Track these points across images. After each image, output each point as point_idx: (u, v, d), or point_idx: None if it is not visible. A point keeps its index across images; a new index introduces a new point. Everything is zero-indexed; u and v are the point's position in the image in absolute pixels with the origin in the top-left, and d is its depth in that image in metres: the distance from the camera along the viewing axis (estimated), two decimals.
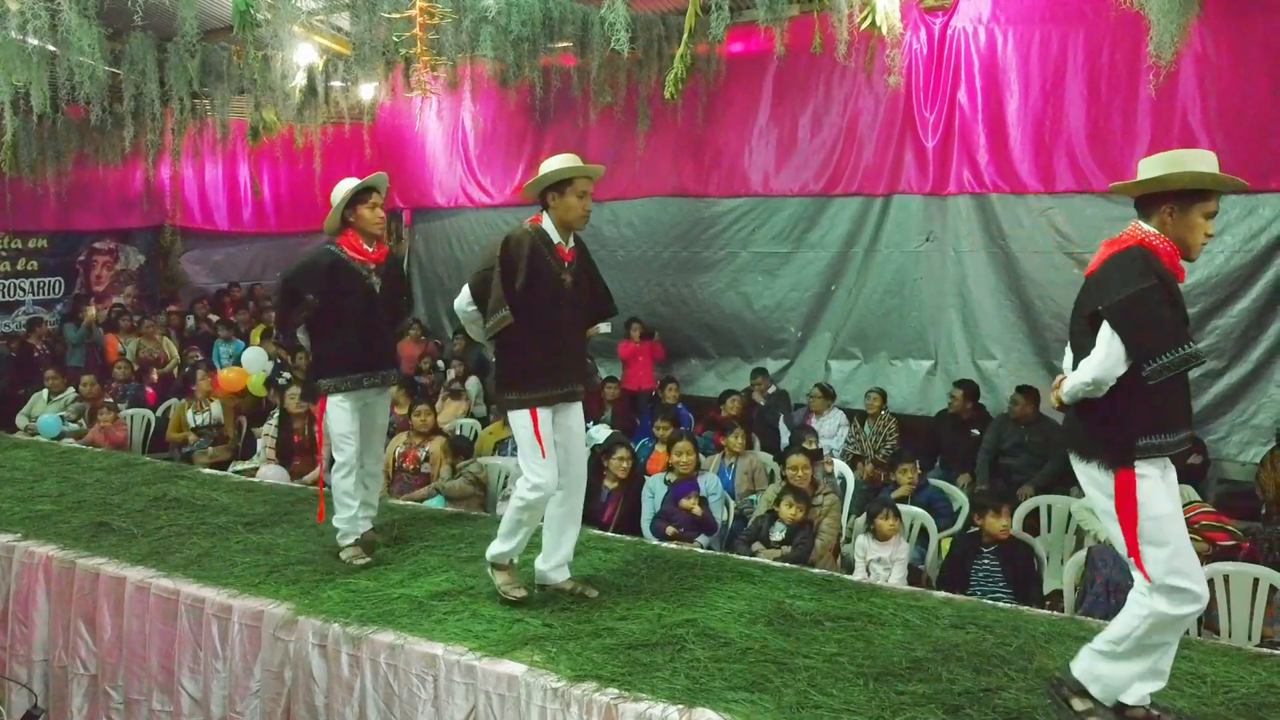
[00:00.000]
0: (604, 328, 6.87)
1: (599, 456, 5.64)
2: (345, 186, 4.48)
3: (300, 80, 7.99)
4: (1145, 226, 2.86)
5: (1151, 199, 2.85)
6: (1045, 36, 6.92)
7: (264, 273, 12.84)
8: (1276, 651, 3.81)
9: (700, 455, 6.00)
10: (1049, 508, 5.58)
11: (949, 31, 7.26)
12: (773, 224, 8.36)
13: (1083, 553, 4.58)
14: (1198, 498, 5.08)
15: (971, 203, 7.46)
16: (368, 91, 8.67)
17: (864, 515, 5.05)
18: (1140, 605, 2.78)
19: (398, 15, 5.85)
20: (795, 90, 7.98)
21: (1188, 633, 4.14)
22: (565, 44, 7.54)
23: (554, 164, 3.83)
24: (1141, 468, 2.76)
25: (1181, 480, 5.10)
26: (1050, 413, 6.94)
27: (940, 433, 7.13)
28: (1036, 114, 7.01)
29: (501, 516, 4.35)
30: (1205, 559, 4.61)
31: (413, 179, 10.31)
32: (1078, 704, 2.88)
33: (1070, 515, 5.51)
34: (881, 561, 4.73)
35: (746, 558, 4.73)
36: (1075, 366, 2.92)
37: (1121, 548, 2.84)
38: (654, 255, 9.04)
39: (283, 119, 9.02)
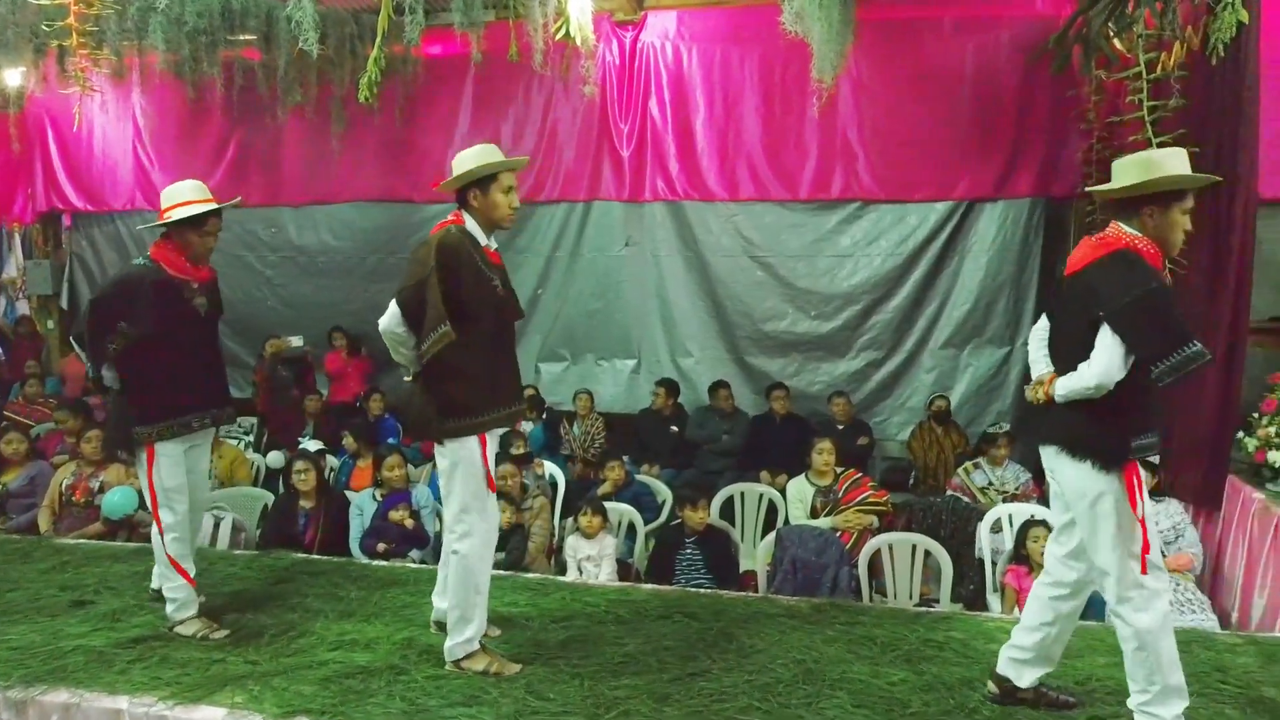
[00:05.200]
0: (294, 340, 6.43)
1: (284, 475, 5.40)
2: (179, 196, 3.74)
3: None
4: (1127, 229, 2.86)
5: (1131, 201, 2.86)
6: (726, 56, 7.42)
7: None
8: (932, 609, 4.36)
9: (411, 467, 5.89)
10: (742, 495, 6.01)
11: (639, 46, 7.58)
12: None
13: (772, 535, 4.98)
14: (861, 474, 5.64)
15: (666, 209, 7.85)
16: (13, 79, 7.67)
17: (573, 515, 5.19)
18: (1128, 639, 2.83)
19: (47, 2, 5.21)
20: (496, 97, 7.99)
21: (860, 599, 4.66)
22: (249, 38, 7.08)
23: (474, 157, 3.37)
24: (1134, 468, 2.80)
25: (850, 463, 5.75)
26: (744, 406, 7.54)
27: (642, 429, 7.47)
28: (720, 128, 7.50)
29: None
30: (874, 531, 5.19)
31: (76, 178, 9.22)
32: None
33: (760, 499, 5.97)
34: (591, 559, 4.88)
35: None
36: (1056, 365, 2.98)
37: (1096, 546, 2.86)
38: (358, 262, 8.72)
39: None
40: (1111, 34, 5.72)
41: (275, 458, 6.88)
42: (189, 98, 7.73)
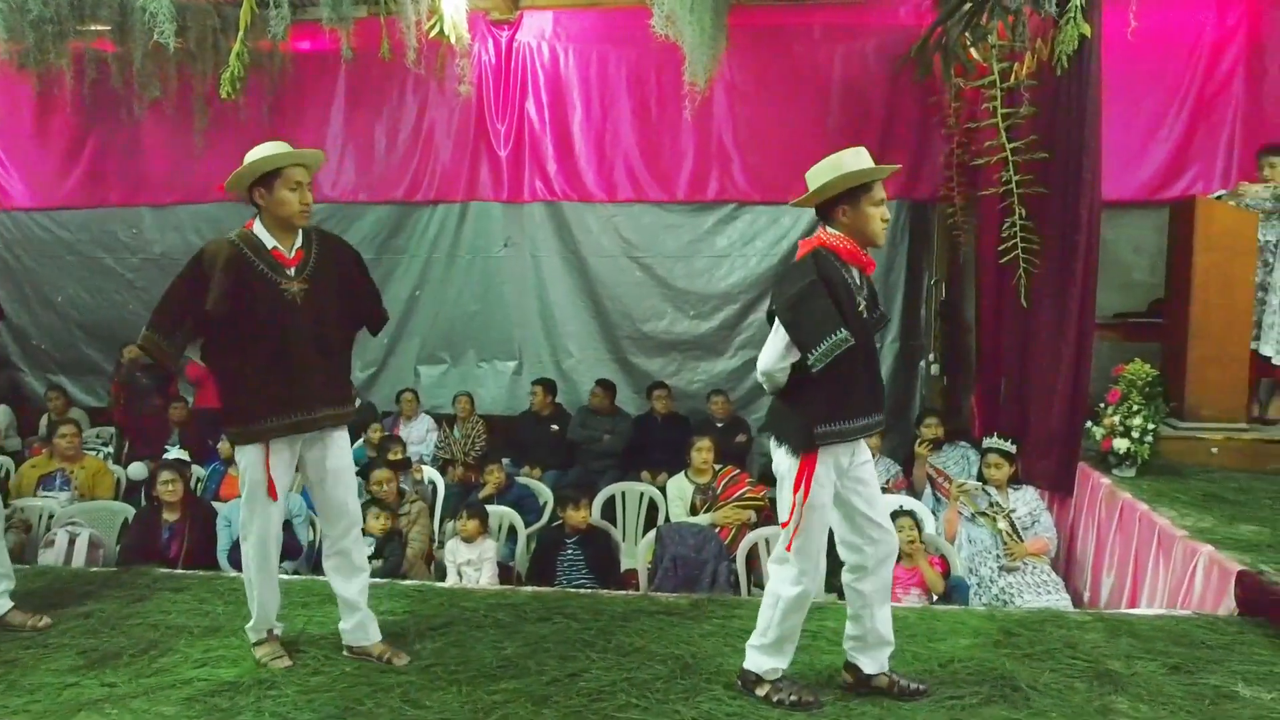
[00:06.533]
0: None
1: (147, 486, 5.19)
2: None
3: None
4: (829, 230, 3.06)
5: (826, 205, 3.04)
6: (602, 57, 7.45)
7: None
8: None
9: None
10: (623, 494, 6.05)
11: (515, 45, 7.53)
12: (356, 230, 8.12)
13: (652, 533, 5.03)
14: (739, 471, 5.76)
15: (546, 210, 7.84)
16: None
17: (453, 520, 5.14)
18: (769, 594, 3.13)
19: None
20: (369, 95, 7.82)
21: (739, 593, 4.75)
22: (101, 28, 6.73)
23: (257, 153, 3.28)
24: (822, 455, 2.97)
25: (727, 460, 5.85)
26: (625, 405, 7.60)
27: (523, 430, 7.44)
28: (597, 129, 7.52)
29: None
30: (752, 526, 5.30)
31: None
32: (759, 689, 3.16)
33: (641, 497, 6.02)
34: (471, 563, 4.84)
35: None
36: None
37: (779, 513, 3.11)
38: None
39: None
40: (968, 44, 5.99)
41: (138, 469, 6.57)
42: (37, 90, 7.31)
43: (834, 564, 5.04)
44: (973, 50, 6.01)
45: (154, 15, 5.02)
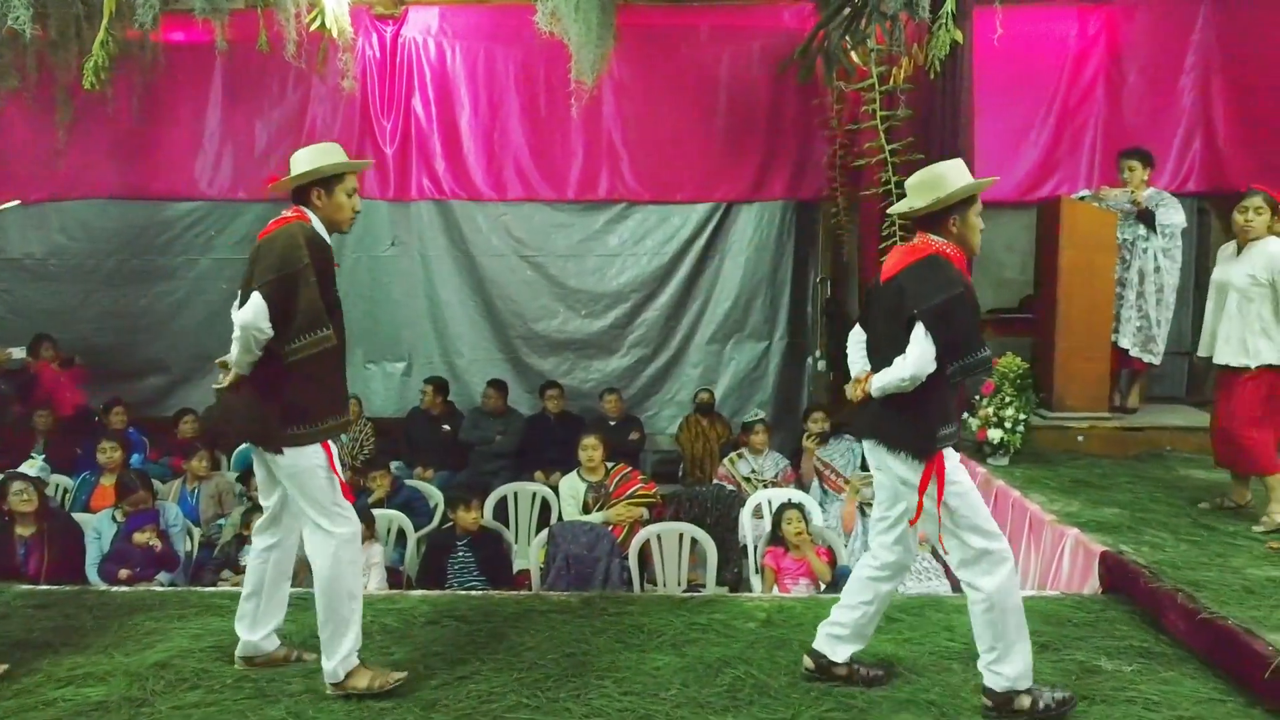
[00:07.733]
0: (15, 351, 5.78)
1: None
2: None
3: None
4: (935, 238, 3.03)
5: (936, 214, 3.02)
6: (489, 54, 7.38)
7: None
8: (698, 594, 4.53)
9: (158, 484, 5.50)
10: (515, 494, 6.01)
11: (401, 41, 7.40)
12: (235, 229, 7.86)
13: (545, 532, 5.01)
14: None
15: (434, 208, 7.74)
16: None
17: None
18: (978, 603, 2.97)
19: None
20: (249, 89, 7.55)
21: (632, 589, 4.77)
22: None
23: (318, 156, 3.20)
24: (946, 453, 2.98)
25: (620, 458, 5.88)
26: (518, 405, 7.53)
27: (413, 430, 7.31)
28: (486, 127, 7.45)
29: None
30: (645, 523, 5.33)
31: None
32: (1019, 703, 2.97)
33: (534, 498, 5.99)
34: None
35: (214, 589, 4.44)
36: (872, 363, 3.11)
37: (938, 524, 2.99)
38: (95, 264, 7.99)
39: None
40: (849, 47, 6.17)
41: None
42: None
43: (725, 555, 5.15)
44: (853, 54, 6.19)
45: (8, 0, 4.74)
